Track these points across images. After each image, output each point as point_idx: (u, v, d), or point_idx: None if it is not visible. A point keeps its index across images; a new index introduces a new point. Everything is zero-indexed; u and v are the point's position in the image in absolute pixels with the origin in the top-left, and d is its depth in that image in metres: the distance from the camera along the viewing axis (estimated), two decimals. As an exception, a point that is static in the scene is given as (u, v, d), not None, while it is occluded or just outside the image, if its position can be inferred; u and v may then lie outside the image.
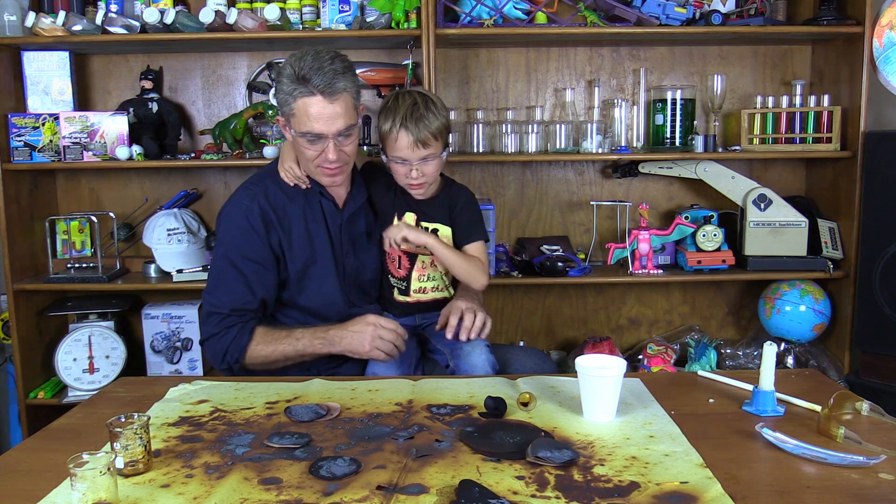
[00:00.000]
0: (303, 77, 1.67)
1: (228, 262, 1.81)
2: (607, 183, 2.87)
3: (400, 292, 1.96)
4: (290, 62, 1.71)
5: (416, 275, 1.94)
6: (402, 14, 2.45)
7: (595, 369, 1.34)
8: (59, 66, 2.62)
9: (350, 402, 1.48)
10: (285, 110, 1.75)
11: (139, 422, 1.18)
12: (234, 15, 2.43)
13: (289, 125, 1.77)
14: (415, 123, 1.78)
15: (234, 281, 1.80)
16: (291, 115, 1.73)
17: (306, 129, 1.71)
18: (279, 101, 1.77)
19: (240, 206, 1.82)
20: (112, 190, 2.86)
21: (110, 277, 2.63)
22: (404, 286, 1.95)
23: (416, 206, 1.93)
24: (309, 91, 1.68)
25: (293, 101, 1.70)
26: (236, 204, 1.83)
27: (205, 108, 2.84)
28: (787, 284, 2.63)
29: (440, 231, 1.92)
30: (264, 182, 1.86)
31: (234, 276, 1.80)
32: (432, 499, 1.07)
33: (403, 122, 1.79)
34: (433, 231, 1.92)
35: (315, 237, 1.86)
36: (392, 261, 1.95)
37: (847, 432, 1.25)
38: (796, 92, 2.66)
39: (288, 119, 1.76)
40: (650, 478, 1.13)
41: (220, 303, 1.80)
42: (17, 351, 2.59)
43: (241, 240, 1.80)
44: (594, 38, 2.70)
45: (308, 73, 1.67)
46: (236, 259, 1.80)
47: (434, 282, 1.96)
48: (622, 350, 2.89)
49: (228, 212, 1.84)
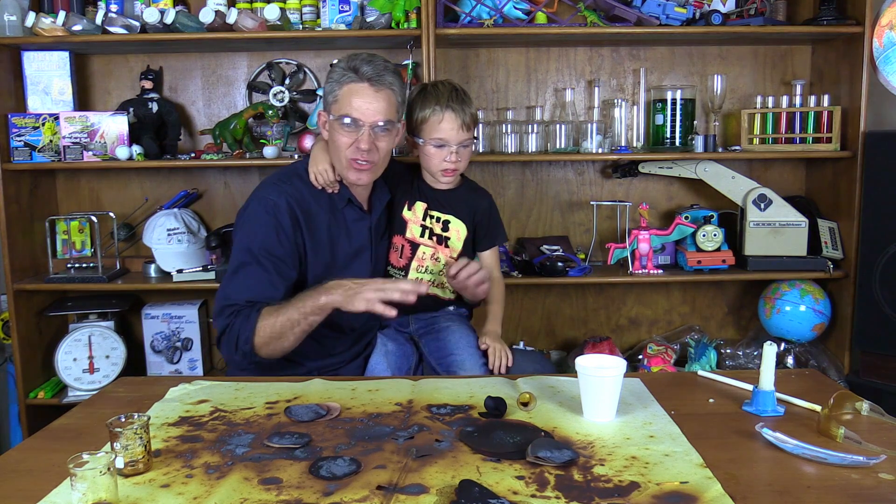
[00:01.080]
0: (354, 67, 1.75)
1: (250, 255, 1.74)
2: (607, 183, 2.88)
3: None
4: (344, 59, 1.79)
5: (415, 265, 1.95)
6: (402, 14, 2.45)
7: (595, 369, 1.34)
8: (59, 66, 2.62)
9: (350, 402, 1.48)
10: (329, 99, 1.78)
11: (139, 422, 1.18)
12: (234, 15, 2.43)
13: (329, 113, 1.79)
14: (460, 106, 1.86)
15: (255, 275, 1.73)
16: (335, 101, 1.77)
17: (345, 112, 1.74)
18: (326, 92, 1.80)
19: (266, 201, 1.77)
20: (112, 190, 2.86)
21: (110, 277, 2.63)
22: (402, 276, 1.96)
23: (429, 196, 1.95)
24: (358, 78, 1.75)
25: (339, 88, 1.76)
26: (262, 199, 1.78)
27: (205, 108, 2.84)
28: (787, 284, 2.63)
29: (452, 224, 1.95)
30: (292, 181, 1.83)
31: (254, 271, 1.73)
32: (432, 499, 1.07)
33: (450, 104, 1.86)
34: (444, 222, 1.95)
35: (336, 244, 1.84)
36: (395, 249, 1.96)
37: (847, 432, 1.25)
38: (796, 92, 2.66)
39: (329, 108, 1.78)
40: (650, 478, 1.13)
41: (235, 294, 1.73)
42: (17, 351, 2.59)
43: (265, 235, 1.75)
44: (594, 38, 2.70)
45: (360, 65, 1.75)
46: (260, 253, 1.74)
47: (430, 276, 1.97)
48: (622, 350, 2.89)
49: (255, 207, 1.78)
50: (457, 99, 1.87)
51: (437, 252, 1.96)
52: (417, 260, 1.95)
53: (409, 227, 1.96)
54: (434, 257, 1.96)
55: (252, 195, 1.84)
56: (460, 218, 1.96)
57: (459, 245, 1.97)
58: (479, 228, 1.99)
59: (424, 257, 1.95)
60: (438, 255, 1.96)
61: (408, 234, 1.95)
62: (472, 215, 1.97)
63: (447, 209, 1.96)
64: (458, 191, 1.99)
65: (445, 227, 1.97)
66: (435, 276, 1.97)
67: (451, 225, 1.96)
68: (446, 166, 1.89)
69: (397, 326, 1.99)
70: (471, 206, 1.98)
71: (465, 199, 1.98)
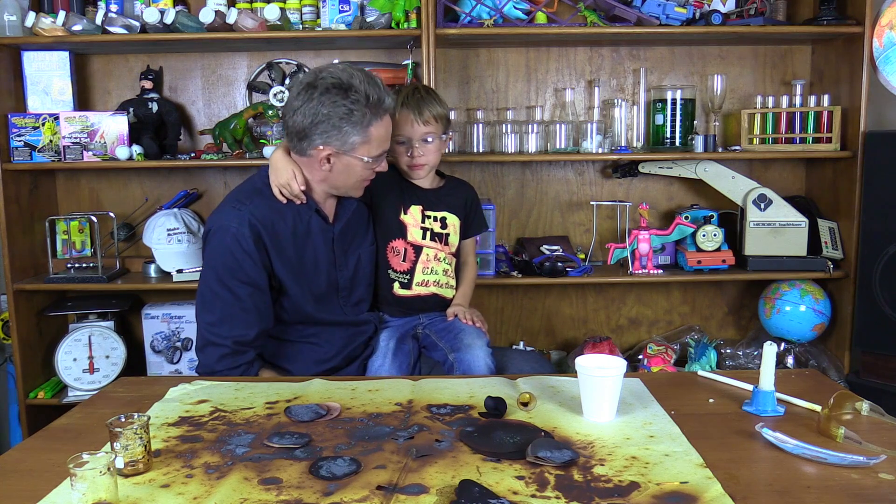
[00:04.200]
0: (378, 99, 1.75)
1: (222, 285, 1.74)
2: (607, 183, 2.87)
3: (401, 286, 1.98)
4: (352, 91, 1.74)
5: (421, 267, 1.98)
6: (402, 14, 2.45)
7: (595, 369, 1.34)
8: (59, 66, 2.62)
9: (350, 402, 1.48)
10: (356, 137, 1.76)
11: (139, 422, 1.18)
12: (234, 15, 2.43)
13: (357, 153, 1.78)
14: (416, 103, 1.92)
15: (232, 307, 1.74)
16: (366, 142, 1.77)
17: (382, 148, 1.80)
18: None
19: (228, 231, 1.74)
20: (112, 190, 2.86)
21: (110, 277, 2.63)
22: (407, 279, 1.97)
23: (422, 198, 2.00)
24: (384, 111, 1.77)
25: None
26: (225, 228, 1.75)
27: (205, 108, 2.84)
28: (787, 284, 2.63)
29: (448, 219, 2.01)
30: (252, 199, 1.79)
31: (230, 301, 1.74)
32: (432, 499, 1.07)
33: (405, 102, 1.92)
34: (441, 219, 1.99)
35: (304, 253, 1.83)
36: (396, 254, 1.97)
37: (847, 432, 1.24)
38: (796, 92, 2.66)
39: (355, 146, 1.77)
40: (650, 478, 1.13)
41: (220, 332, 1.75)
42: (17, 351, 2.59)
43: (235, 264, 1.74)
44: (594, 38, 2.70)
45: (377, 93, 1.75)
46: (232, 284, 1.74)
47: (436, 276, 1.99)
48: (622, 350, 2.89)
49: (221, 237, 1.75)
50: (413, 97, 1.93)
51: (439, 252, 1.99)
52: (422, 262, 1.97)
53: (409, 231, 1.97)
54: (437, 257, 1.98)
55: (214, 220, 1.79)
56: (453, 212, 2.02)
57: (457, 239, 2.04)
58: (468, 218, 2.07)
59: (429, 259, 1.98)
60: (440, 254, 1.98)
61: (409, 238, 1.97)
62: (463, 207, 2.05)
63: (441, 206, 2.01)
64: (446, 187, 2.06)
65: (444, 224, 2.00)
66: (440, 276, 1.99)
67: (448, 221, 2.01)
68: (412, 162, 1.95)
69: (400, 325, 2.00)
70: (461, 199, 2.06)
71: (454, 193, 2.05)
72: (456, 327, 1.94)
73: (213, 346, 1.75)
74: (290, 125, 1.75)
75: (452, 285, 2.03)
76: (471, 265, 2.13)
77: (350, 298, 1.93)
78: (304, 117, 1.71)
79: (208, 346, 1.76)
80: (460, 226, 2.04)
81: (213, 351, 1.75)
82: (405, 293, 1.98)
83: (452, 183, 2.09)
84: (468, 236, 2.10)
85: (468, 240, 2.12)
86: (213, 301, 1.76)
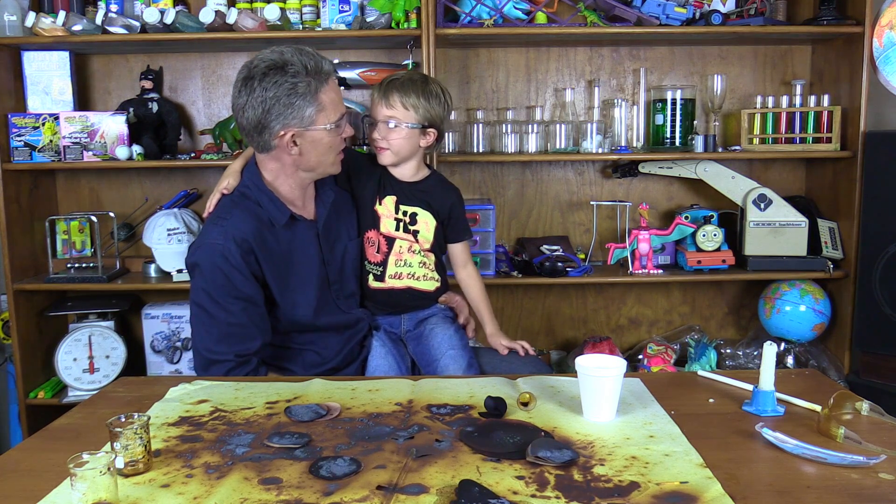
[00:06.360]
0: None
1: (216, 304, 1.71)
2: (607, 183, 2.88)
3: (375, 278, 1.94)
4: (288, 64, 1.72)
5: (394, 259, 1.93)
6: (402, 14, 2.45)
7: (595, 369, 1.34)
8: (59, 66, 2.62)
9: (350, 402, 1.48)
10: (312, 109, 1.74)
11: (139, 422, 1.18)
12: (234, 15, 2.43)
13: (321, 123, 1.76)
14: (387, 84, 1.87)
15: (229, 325, 1.71)
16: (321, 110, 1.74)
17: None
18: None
19: (215, 248, 1.70)
20: (112, 190, 2.86)
21: (110, 277, 2.63)
22: (380, 271, 1.93)
23: (397, 190, 1.93)
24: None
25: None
26: (210, 246, 1.70)
27: (205, 108, 2.84)
28: (787, 284, 2.63)
29: (419, 216, 1.93)
30: (231, 213, 1.75)
31: (226, 319, 1.71)
32: (432, 499, 1.07)
33: (380, 85, 1.88)
34: (412, 214, 1.93)
35: (293, 253, 1.81)
36: (371, 244, 1.94)
37: (847, 432, 1.24)
38: (796, 92, 2.67)
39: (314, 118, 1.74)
40: (650, 478, 1.13)
41: (220, 350, 1.72)
42: (17, 351, 2.59)
43: (225, 281, 1.70)
44: (594, 38, 2.70)
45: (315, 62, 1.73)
46: (226, 301, 1.71)
47: (410, 268, 1.94)
48: (622, 350, 2.89)
49: (209, 255, 1.70)
50: (390, 81, 1.88)
51: (412, 245, 1.93)
52: (395, 254, 1.92)
53: (382, 222, 1.92)
54: (411, 249, 1.94)
55: (197, 242, 1.76)
56: (428, 210, 1.94)
57: (430, 236, 1.94)
58: (452, 222, 1.98)
59: (402, 251, 1.93)
60: (415, 247, 1.94)
61: (382, 229, 1.91)
62: (439, 207, 1.95)
63: (414, 202, 1.93)
64: (425, 183, 1.96)
65: (413, 219, 1.93)
66: (415, 268, 1.95)
67: (418, 217, 1.93)
68: (375, 143, 1.89)
69: (388, 328, 1.99)
70: (438, 199, 1.95)
71: (434, 191, 1.96)
72: (431, 353, 1.92)
73: (217, 364, 1.72)
74: (245, 124, 1.72)
75: (434, 278, 1.97)
76: (473, 276, 2.04)
77: (342, 291, 1.90)
78: (254, 110, 1.69)
79: (212, 365, 1.73)
80: (436, 227, 1.95)
81: (218, 368, 1.72)
82: (379, 286, 1.93)
83: (436, 181, 1.98)
84: (451, 241, 2.01)
85: (458, 245, 2.02)
86: (210, 322, 1.72)
